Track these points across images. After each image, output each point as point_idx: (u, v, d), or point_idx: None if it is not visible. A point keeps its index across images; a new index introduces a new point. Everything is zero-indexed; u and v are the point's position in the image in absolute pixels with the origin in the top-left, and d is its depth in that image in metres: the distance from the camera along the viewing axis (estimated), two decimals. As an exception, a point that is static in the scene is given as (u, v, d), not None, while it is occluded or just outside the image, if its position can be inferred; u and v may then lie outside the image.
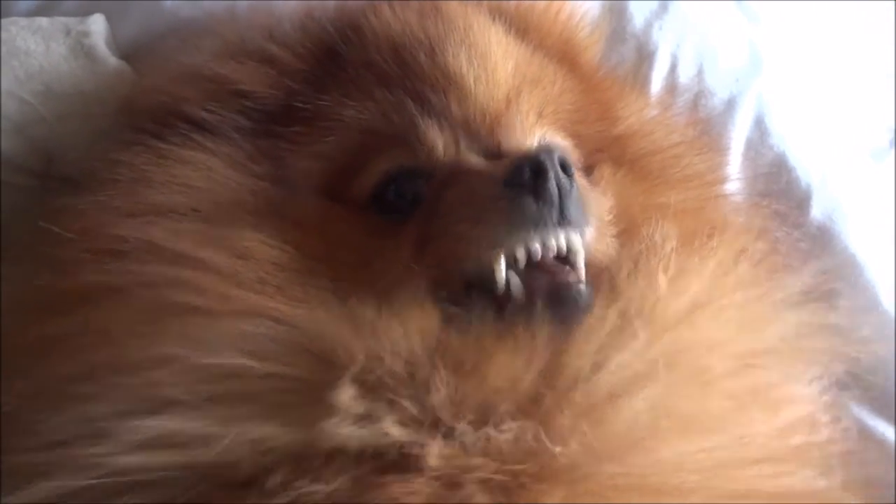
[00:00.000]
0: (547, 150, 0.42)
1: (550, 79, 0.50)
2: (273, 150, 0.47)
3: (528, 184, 0.40)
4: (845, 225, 0.62)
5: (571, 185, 0.40)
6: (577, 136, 0.49)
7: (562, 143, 0.48)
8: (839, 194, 0.63)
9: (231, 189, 0.45)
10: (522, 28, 0.52)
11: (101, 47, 0.57)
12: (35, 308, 0.44)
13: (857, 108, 0.79)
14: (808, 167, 0.63)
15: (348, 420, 0.36)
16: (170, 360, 0.38)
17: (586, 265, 0.43)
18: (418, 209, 0.44)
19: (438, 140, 0.45)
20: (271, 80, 0.49)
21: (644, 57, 0.64)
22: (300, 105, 0.47)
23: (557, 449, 0.38)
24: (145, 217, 0.44)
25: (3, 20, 0.59)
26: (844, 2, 0.84)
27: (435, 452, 0.37)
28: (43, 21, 0.59)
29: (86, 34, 0.57)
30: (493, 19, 0.51)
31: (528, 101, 0.47)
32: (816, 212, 0.62)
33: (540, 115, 0.47)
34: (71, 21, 0.59)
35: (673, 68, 0.64)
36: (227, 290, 0.41)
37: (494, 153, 0.45)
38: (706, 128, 0.61)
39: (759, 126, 0.63)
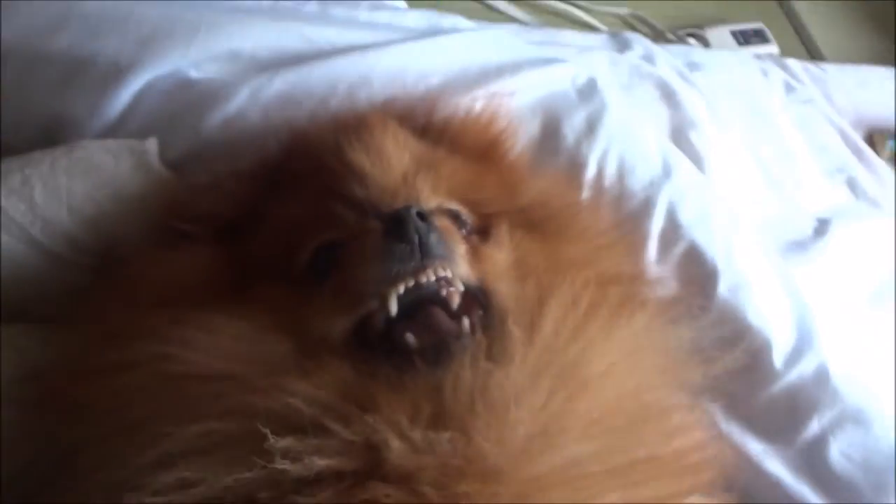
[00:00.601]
0: (406, 207, 0.54)
1: (448, 163, 0.63)
2: (237, 249, 0.61)
3: (392, 230, 0.52)
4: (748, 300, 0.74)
5: (428, 229, 0.52)
6: (472, 204, 0.62)
7: (453, 206, 0.60)
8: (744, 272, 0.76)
9: (210, 282, 0.59)
10: (437, 131, 0.67)
11: (156, 162, 0.74)
12: (84, 371, 0.54)
13: (775, 204, 0.94)
14: (714, 252, 0.76)
15: (286, 459, 0.45)
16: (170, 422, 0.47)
17: (477, 295, 0.54)
18: (335, 269, 0.56)
19: (349, 216, 0.58)
20: (233, 202, 0.65)
21: (575, 167, 0.79)
22: (254, 213, 0.63)
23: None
24: (145, 306, 0.57)
25: (81, 141, 0.76)
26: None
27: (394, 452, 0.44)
28: (110, 142, 0.77)
29: (144, 152, 0.75)
30: (400, 125, 0.65)
31: (423, 179, 0.59)
32: (723, 288, 0.75)
33: (434, 189, 0.59)
34: (133, 142, 0.76)
35: (599, 175, 0.79)
36: (204, 360, 0.51)
37: None
38: (626, 221, 0.75)
39: (671, 220, 0.77)
